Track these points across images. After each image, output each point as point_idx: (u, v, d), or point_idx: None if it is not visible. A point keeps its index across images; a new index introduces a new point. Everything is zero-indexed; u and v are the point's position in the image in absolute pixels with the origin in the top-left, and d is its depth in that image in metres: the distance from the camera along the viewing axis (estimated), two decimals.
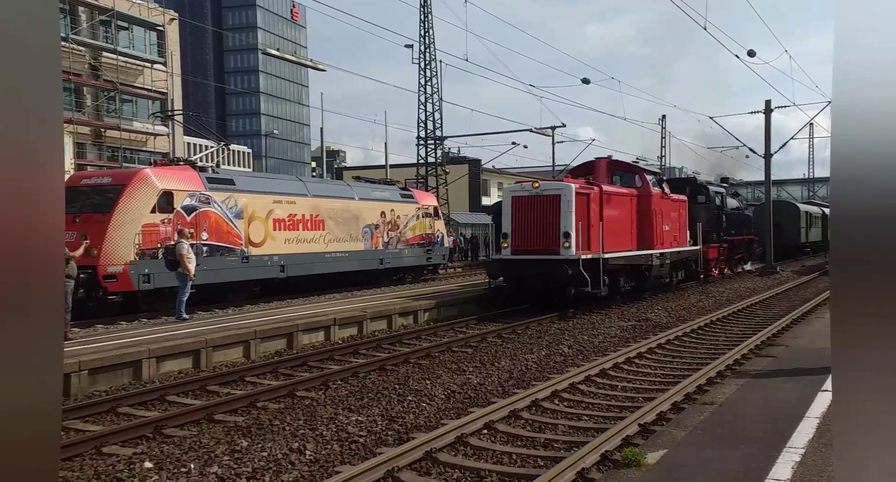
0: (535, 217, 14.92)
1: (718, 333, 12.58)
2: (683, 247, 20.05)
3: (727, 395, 7.31)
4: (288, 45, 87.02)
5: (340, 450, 6.00)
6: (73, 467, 5.56)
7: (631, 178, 18.41)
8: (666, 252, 18.36)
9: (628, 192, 17.56)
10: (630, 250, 16.78)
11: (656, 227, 17.90)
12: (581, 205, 14.82)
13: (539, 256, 14.61)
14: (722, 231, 24.09)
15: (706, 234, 21.96)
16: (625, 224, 16.97)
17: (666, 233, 18.58)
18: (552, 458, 5.72)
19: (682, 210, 20.32)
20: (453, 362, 9.74)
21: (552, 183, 15.63)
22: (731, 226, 25.06)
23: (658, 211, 18.06)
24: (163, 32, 36.06)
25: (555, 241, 14.57)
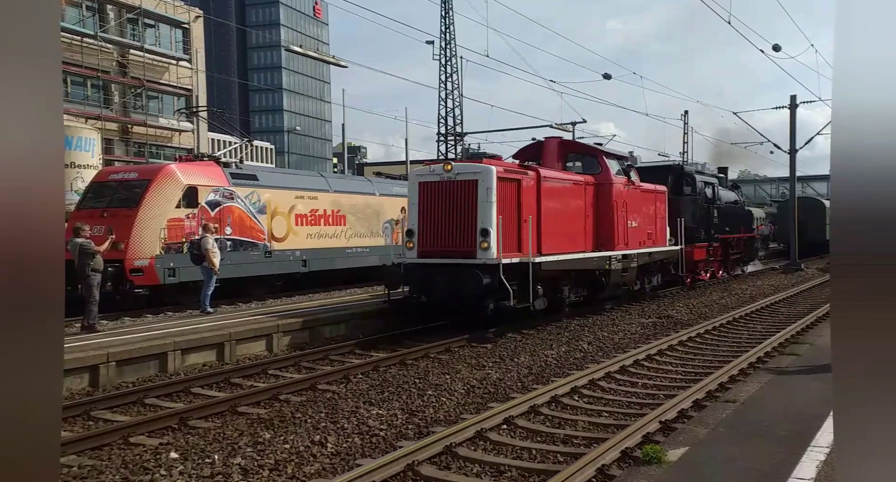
0: (447, 209, 11.51)
1: (741, 331, 12.44)
2: (659, 248, 16.64)
3: (750, 393, 7.24)
4: (310, 42, 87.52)
5: (361, 444, 6.07)
6: (101, 456, 5.70)
7: (592, 162, 14.82)
8: (632, 253, 14.91)
9: (581, 179, 13.97)
10: (581, 252, 13.43)
11: (618, 222, 14.44)
12: (507, 193, 11.54)
13: (449, 260, 11.27)
14: (713, 228, 20.58)
15: (692, 231, 18.92)
16: (574, 219, 13.51)
17: (634, 230, 15.22)
18: (572, 454, 5.72)
19: (661, 203, 16.96)
20: (473, 357, 9.77)
21: (468, 164, 11.84)
22: (725, 222, 21.73)
23: (621, 203, 14.68)
24: (188, 30, 36.48)
25: (469, 241, 11.23)
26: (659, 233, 16.89)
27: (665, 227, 17.27)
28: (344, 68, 23.53)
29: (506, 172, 11.68)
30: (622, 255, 14.52)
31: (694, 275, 19.89)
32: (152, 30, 34.78)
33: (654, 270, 16.93)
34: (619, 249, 14.46)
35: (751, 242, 25.96)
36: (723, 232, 21.67)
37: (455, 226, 11.42)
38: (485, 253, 11.05)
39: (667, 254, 17.19)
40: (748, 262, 26.19)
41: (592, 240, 14.09)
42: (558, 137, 15.61)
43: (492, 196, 11.14)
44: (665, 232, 17.24)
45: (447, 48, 37.60)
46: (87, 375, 8.29)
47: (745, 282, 22.39)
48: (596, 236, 14.20)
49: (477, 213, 11.23)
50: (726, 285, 21.35)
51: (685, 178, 20.00)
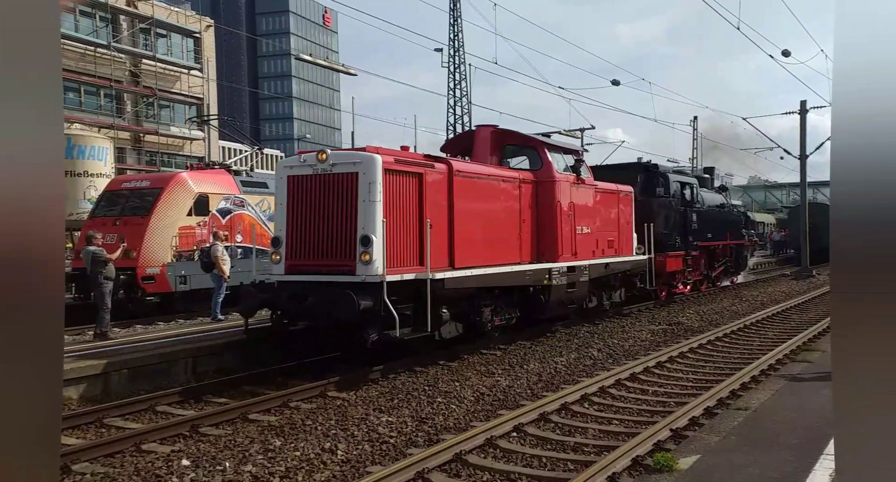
0: (321, 210, 8.85)
1: (752, 337, 12.36)
2: (621, 258, 14.18)
3: (762, 401, 7.20)
4: (320, 50, 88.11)
5: (371, 451, 6.08)
6: (114, 463, 5.74)
7: (532, 156, 12.27)
8: (581, 265, 12.35)
9: (514, 175, 11.41)
10: (513, 264, 10.93)
11: (562, 228, 11.82)
12: (401, 190, 8.95)
13: (321, 277, 8.66)
14: (691, 234, 18.15)
15: (664, 237, 16.57)
16: (503, 224, 10.96)
17: (585, 237, 12.69)
18: (582, 462, 5.71)
19: (625, 206, 14.64)
20: (482, 364, 9.76)
21: (348, 153, 9.23)
22: (707, 227, 19.36)
23: (568, 205, 12.09)
24: (199, 39, 36.87)
25: (347, 251, 8.58)
26: (623, 240, 14.46)
27: (631, 233, 14.92)
28: (353, 76, 23.69)
29: (399, 163, 8.94)
30: (567, 268, 11.93)
31: (670, 288, 17.55)
32: (164, 39, 35.18)
33: (616, 284, 14.49)
34: (565, 260, 11.89)
35: (739, 250, 23.02)
36: (704, 239, 19.18)
37: (331, 232, 8.73)
38: (366, 267, 8.37)
39: (632, 265, 14.73)
40: (737, 272, 23.29)
41: (531, 249, 11.51)
42: (492, 126, 12.53)
43: (376, 193, 8.45)
44: (631, 239, 14.87)
45: (456, 55, 37.77)
46: (100, 383, 8.35)
47: (756, 289, 22.25)
48: (535, 245, 11.62)
49: (357, 216, 8.54)
50: (737, 292, 21.21)
51: (657, 177, 17.35)
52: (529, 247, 11.56)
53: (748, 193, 69.21)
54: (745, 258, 23.71)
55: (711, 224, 19.83)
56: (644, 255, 15.17)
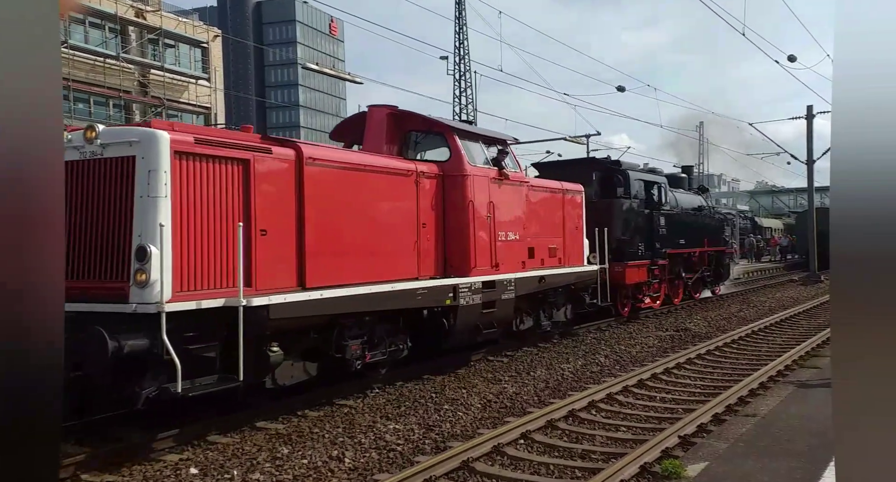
0: (86, 210, 6.23)
1: (760, 343, 12.30)
2: (561, 269, 11.76)
3: (770, 407, 7.17)
4: (326, 59, 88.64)
5: (378, 459, 6.09)
6: (122, 472, 5.77)
7: (440, 144, 9.77)
8: (505, 279, 9.94)
9: (406, 167, 8.88)
10: (405, 280, 8.48)
11: (475, 234, 9.39)
12: (210, 183, 6.39)
13: (80, 305, 5.82)
14: (658, 240, 15.96)
15: (623, 244, 14.50)
16: (390, 230, 8.46)
17: (511, 245, 10.20)
18: (590, 469, 5.69)
19: (573, 207, 12.53)
20: (489, 371, 9.76)
21: (123, 130, 6.85)
22: (678, 232, 17.19)
23: (485, 206, 9.62)
24: (207, 49, 37.17)
25: (117, 269, 6.07)
26: (570, 248, 12.29)
27: (582, 240, 12.77)
28: (359, 85, 23.83)
29: (202, 145, 6.38)
30: (484, 283, 9.53)
31: (635, 302, 15.36)
32: (172, 50, 35.49)
33: (559, 300, 12.02)
34: (481, 273, 9.49)
35: (720, 258, 20.40)
36: (675, 245, 16.96)
37: (97, 242, 6.18)
38: (141, 291, 5.82)
39: (578, 278, 12.36)
40: (718, 282, 20.75)
41: (435, 261, 9.11)
42: (389, 107, 9.97)
43: (159, 186, 5.97)
44: (582, 247, 12.73)
45: (461, 63, 37.96)
46: None
47: (764, 295, 22.14)
48: (442, 256, 9.25)
49: (132, 219, 6.00)
50: (744, 297, 21.11)
51: (616, 175, 15.07)
52: (433, 259, 9.09)
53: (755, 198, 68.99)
54: (726, 266, 21.07)
55: (685, 229, 17.68)
56: (594, 266, 12.86)
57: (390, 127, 9.76)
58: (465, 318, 9.33)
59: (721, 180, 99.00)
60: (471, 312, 9.43)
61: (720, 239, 20.54)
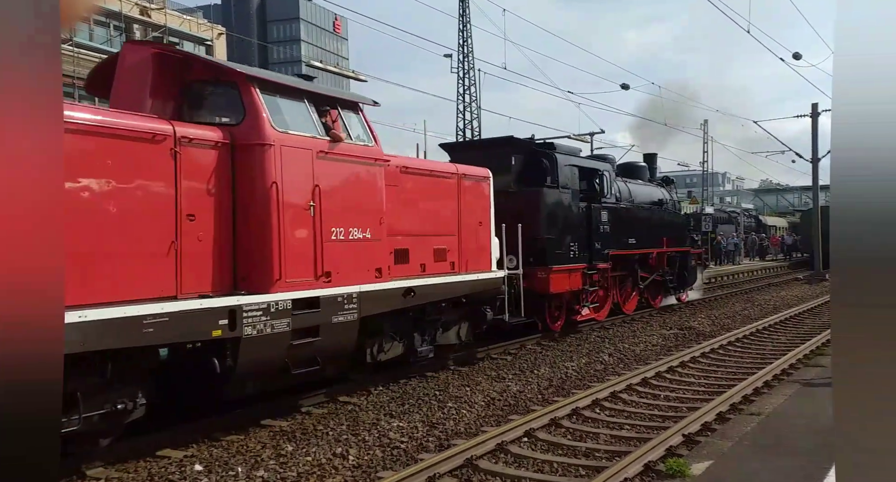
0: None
1: (765, 342, 12.28)
2: (449, 278, 9.01)
3: (775, 406, 7.16)
4: (330, 56, 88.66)
5: (382, 456, 6.10)
6: (128, 468, 5.79)
7: (233, 100, 6.71)
8: (337, 294, 7.15)
9: (151, 129, 5.84)
10: (160, 299, 5.70)
11: (282, 230, 6.56)
12: None
13: None
14: (599, 239, 13.21)
15: (550, 244, 11.71)
16: (123, 225, 5.54)
17: (356, 246, 7.41)
18: (594, 468, 5.70)
19: (475, 198, 9.78)
20: (493, 369, 9.77)
21: None
22: (630, 230, 14.55)
23: (298, 191, 6.79)
24: (211, 47, 37.21)
25: None
26: (468, 249, 9.47)
27: (488, 238, 10.00)
28: (363, 82, 23.84)
29: None
30: (295, 302, 6.62)
31: (570, 314, 12.62)
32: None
33: (448, 317, 9.29)
34: (290, 288, 6.60)
35: (684, 260, 17.22)
36: (623, 246, 14.22)
37: None
38: None
39: (473, 288, 9.46)
40: (683, 288, 17.60)
41: (213, 270, 6.26)
42: (155, 44, 8.11)
43: None
44: (488, 248, 9.99)
45: (465, 61, 37.91)
46: None
47: (768, 293, 22.11)
48: (229, 262, 6.43)
49: None
50: (749, 296, 21.07)
51: (541, 160, 12.21)
52: (211, 268, 6.24)
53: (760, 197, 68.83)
54: (693, 270, 17.93)
55: (638, 226, 14.94)
56: (500, 272, 10.12)
57: (158, 74, 6.73)
58: (255, 355, 6.34)
59: (725, 178, 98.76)
60: (266, 346, 6.41)
61: (684, 238, 17.61)
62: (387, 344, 8.33)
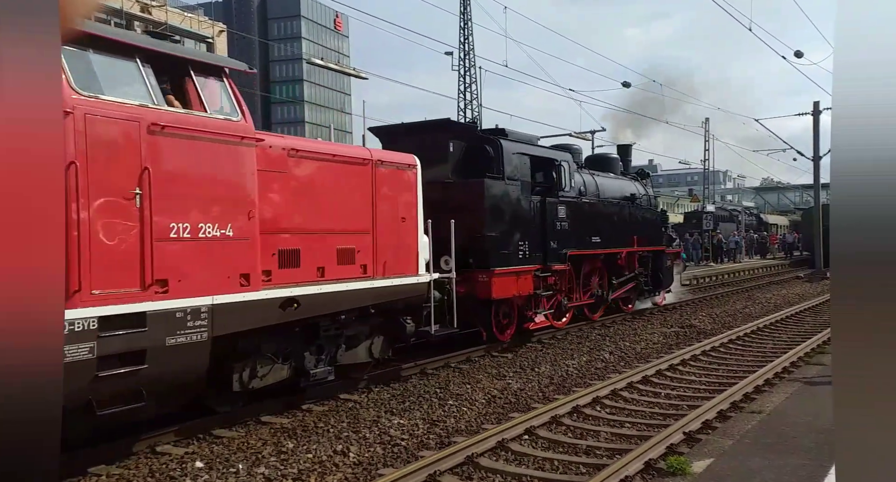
0: None
1: (766, 340, 12.27)
2: (351, 284, 7.54)
3: (776, 404, 7.16)
4: (331, 54, 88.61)
5: (383, 453, 6.10)
6: (129, 465, 5.80)
7: None
8: (174, 308, 5.58)
9: None
10: None
11: (85, 229, 5.01)
12: None
13: None
14: (555, 238, 11.84)
15: (495, 244, 10.32)
16: None
17: (210, 245, 5.89)
18: (595, 465, 5.70)
19: (397, 189, 8.37)
20: (493, 367, 9.77)
21: None
22: (594, 227, 13.15)
23: (113, 174, 5.25)
24: (212, 44, 37.18)
25: None
26: (385, 249, 8.03)
27: (414, 236, 8.57)
28: (364, 80, 23.80)
29: None
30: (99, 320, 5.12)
31: (521, 321, 11.24)
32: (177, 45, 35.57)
33: (356, 331, 7.93)
34: (100, 302, 5.15)
35: (658, 260, 15.89)
36: (583, 244, 12.79)
37: None
38: None
39: (390, 294, 8.07)
40: (659, 290, 16.24)
41: None
42: None
43: None
44: (414, 247, 8.54)
45: (466, 59, 37.88)
46: None
47: (769, 291, 22.10)
48: None
49: None
50: (749, 294, 21.06)
51: (483, 147, 10.79)
52: None
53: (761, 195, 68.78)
54: (668, 271, 16.53)
55: (603, 223, 13.53)
56: (424, 276, 8.57)
57: None
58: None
59: (727, 177, 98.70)
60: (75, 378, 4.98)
61: (658, 236, 16.12)
62: (262, 367, 6.73)
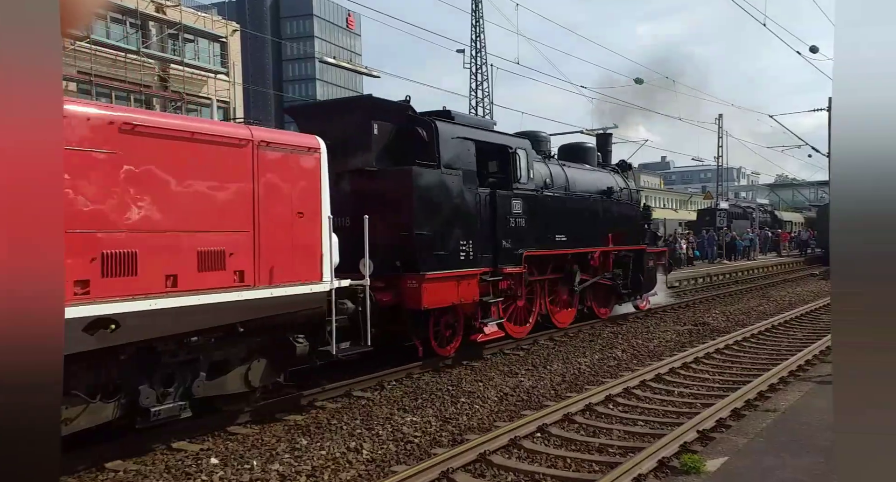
0: None
1: (780, 338, 12.18)
2: (191, 297, 5.75)
3: (790, 402, 7.11)
4: (343, 53, 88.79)
5: (396, 450, 6.13)
6: (145, 461, 5.87)
7: None
8: None
9: None
10: None
11: None
12: None
13: None
14: (508, 236, 10.36)
15: (428, 243, 8.84)
16: None
17: None
18: (608, 463, 5.69)
19: (288, 177, 6.78)
20: (505, 365, 9.77)
21: None
22: (557, 225, 11.64)
23: None
24: (226, 44, 37.39)
25: None
26: (271, 251, 6.56)
27: (317, 235, 7.06)
28: (376, 78, 23.86)
29: None
30: None
31: (468, 331, 9.78)
32: (192, 44, 35.79)
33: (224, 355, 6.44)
34: None
35: (639, 260, 14.19)
36: (545, 243, 11.32)
37: None
38: None
39: (270, 308, 6.53)
40: (639, 294, 14.47)
41: None
42: None
43: None
44: (317, 247, 7.04)
45: (478, 56, 37.79)
46: None
47: (784, 289, 21.90)
48: None
49: None
50: (764, 292, 20.88)
51: (414, 129, 9.19)
52: None
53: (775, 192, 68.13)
54: (650, 271, 14.70)
55: (570, 219, 12.05)
56: (321, 284, 6.98)
57: None
58: None
59: (741, 173, 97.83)
60: None
61: (639, 234, 14.56)
62: (69, 408, 5.25)
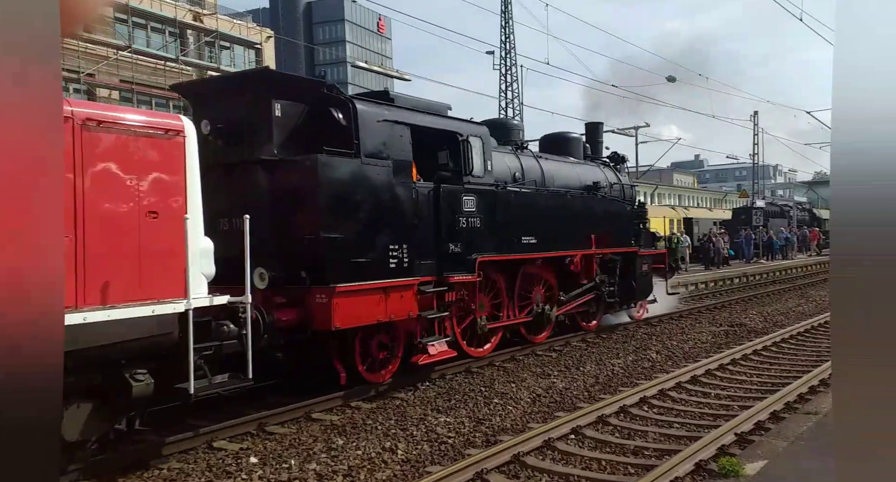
0: None
1: (820, 339, 11.89)
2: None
3: None
4: (375, 57, 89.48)
5: (430, 451, 6.18)
6: (188, 459, 6.04)
7: None
8: None
9: None
10: None
11: None
12: None
13: None
14: (456, 239, 8.85)
15: (349, 248, 7.36)
16: None
17: None
18: (643, 466, 5.65)
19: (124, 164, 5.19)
20: (538, 366, 9.75)
21: None
22: (526, 225, 10.21)
23: None
24: (260, 50, 38.05)
25: None
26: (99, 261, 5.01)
27: (180, 240, 5.57)
28: (407, 81, 24.02)
29: None
30: None
31: (410, 353, 8.46)
32: (227, 51, 36.52)
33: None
34: None
35: (631, 264, 12.73)
36: (509, 247, 9.87)
37: None
38: None
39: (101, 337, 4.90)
40: (631, 302, 13.19)
41: None
42: None
43: None
44: (181, 256, 5.59)
45: (507, 57, 37.71)
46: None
47: (823, 289, 21.35)
48: None
49: None
50: (802, 291, 20.39)
51: (330, 110, 7.64)
52: None
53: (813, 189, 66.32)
54: (644, 277, 13.17)
55: (542, 218, 10.56)
56: (166, 306, 5.46)
57: None
58: None
59: (777, 171, 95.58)
60: None
61: (630, 235, 13.00)
62: None
